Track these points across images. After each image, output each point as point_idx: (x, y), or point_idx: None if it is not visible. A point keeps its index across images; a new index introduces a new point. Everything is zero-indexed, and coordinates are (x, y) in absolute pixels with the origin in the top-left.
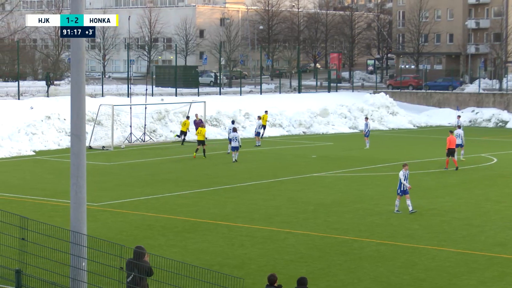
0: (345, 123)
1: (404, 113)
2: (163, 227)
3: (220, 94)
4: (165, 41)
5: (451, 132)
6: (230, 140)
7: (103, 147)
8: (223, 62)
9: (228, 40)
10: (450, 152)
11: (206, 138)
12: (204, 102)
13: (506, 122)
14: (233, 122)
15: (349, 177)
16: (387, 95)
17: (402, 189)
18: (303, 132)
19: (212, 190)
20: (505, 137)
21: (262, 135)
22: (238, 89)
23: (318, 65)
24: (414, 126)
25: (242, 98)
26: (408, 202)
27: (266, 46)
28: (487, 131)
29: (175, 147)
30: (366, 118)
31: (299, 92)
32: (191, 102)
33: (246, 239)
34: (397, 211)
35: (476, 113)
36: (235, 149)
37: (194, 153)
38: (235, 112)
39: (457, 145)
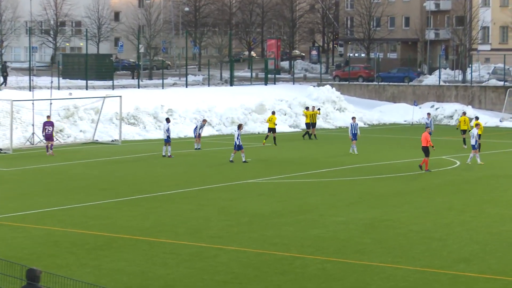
0: (285, 121)
1: (353, 109)
2: (72, 243)
3: (138, 88)
4: (73, 25)
5: (427, 127)
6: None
7: (0, 149)
8: (142, 50)
9: (148, 24)
10: (425, 151)
11: (276, 125)
12: (120, 96)
13: (470, 120)
14: (167, 120)
15: (290, 183)
16: (334, 88)
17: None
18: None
19: (130, 200)
20: (470, 136)
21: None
22: (160, 81)
23: (253, 53)
24: (365, 124)
25: (165, 92)
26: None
27: (193, 31)
28: (449, 129)
29: (88, 149)
30: (353, 118)
31: (231, 84)
32: (104, 97)
33: (170, 257)
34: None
35: (436, 108)
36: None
37: (264, 140)
38: (156, 108)
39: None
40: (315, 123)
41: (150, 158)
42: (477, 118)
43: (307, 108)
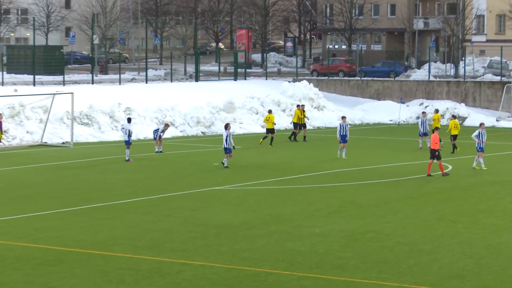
0: (257, 121)
1: (333, 107)
2: (17, 258)
3: (92, 83)
4: (19, 13)
5: (437, 128)
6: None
7: None
8: (96, 41)
9: (103, 12)
10: (432, 154)
11: (275, 124)
12: (72, 93)
13: (463, 119)
14: (129, 120)
15: (262, 190)
16: (311, 84)
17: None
18: (202, 132)
19: (82, 210)
20: (462, 137)
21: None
22: (117, 76)
23: (221, 45)
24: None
25: (122, 88)
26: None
27: (154, 20)
28: (441, 130)
29: (35, 152)
30: (343, 118)
31: (197, 80)
32: (54, 94)
33: (128, 273)
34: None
35: (426, 106)
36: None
37: (261, 139)
38: (112, 106)
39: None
40: (304, 123)
41: (106, 162)
42: (454, 116)
43: (298, 106)
